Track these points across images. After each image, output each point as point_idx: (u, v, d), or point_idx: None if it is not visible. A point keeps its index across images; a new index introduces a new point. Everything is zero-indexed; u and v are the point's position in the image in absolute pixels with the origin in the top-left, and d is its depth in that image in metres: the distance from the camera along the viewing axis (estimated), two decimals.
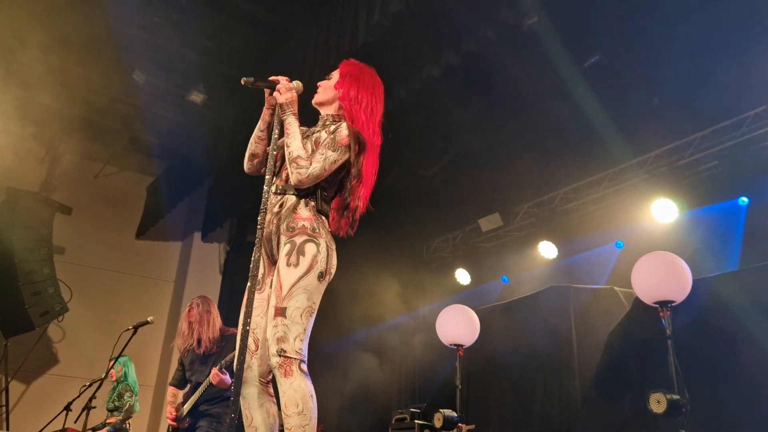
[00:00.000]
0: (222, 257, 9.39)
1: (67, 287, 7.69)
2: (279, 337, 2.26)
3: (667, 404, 4.03)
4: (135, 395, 5.82)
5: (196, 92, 7.15)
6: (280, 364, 2.24)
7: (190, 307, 4.32)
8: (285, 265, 2.36)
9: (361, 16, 5.03)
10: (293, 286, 2.32)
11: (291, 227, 2.44)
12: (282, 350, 2.25)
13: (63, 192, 8.46)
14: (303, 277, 2.34)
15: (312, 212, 2.49)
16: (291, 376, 2.24)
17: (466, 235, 8.43)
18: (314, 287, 2.37)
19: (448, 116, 6.69)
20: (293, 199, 2.51)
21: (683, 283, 4.45)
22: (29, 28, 6.24)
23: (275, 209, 2.50)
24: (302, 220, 2.45)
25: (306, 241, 2.40)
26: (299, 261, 2.36)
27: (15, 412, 7.62)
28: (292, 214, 2.47)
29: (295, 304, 2.31)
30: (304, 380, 2.27)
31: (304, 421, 2.22)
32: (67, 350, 8.19)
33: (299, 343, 2.28)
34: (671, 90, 5.84)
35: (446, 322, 6.21)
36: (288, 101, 2.58)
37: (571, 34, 5.48)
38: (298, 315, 2.30)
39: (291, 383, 2.23)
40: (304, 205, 2.50)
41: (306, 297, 2.33)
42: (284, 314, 2.29)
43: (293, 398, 2.22)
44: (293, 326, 2.28)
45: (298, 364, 2.26)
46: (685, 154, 6.14)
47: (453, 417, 5.66)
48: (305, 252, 2.38)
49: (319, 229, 2.46)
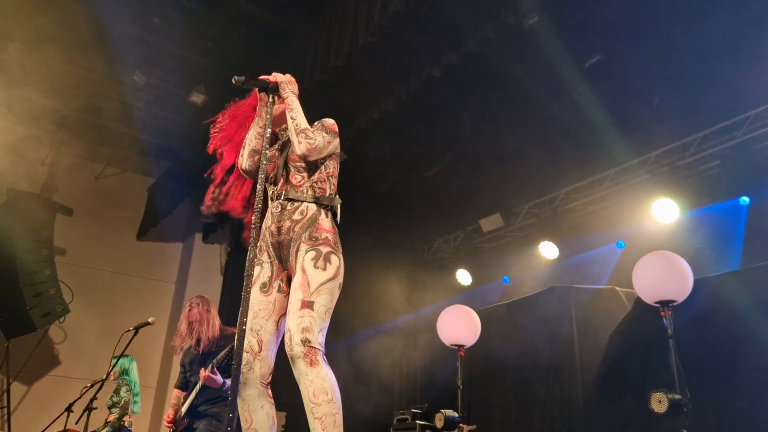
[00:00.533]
0: (223, 258, 9.39)
1: (68, 288, 7.70)
2: (305, 326, 2.29)
3: (668, 404, 4.02)
4: (135, 395, 5.81)
5: (197, 93, 7.14)
6: (306, 353, 2.26)
7: (189, 306, 4.31)
8: (313, 267, 2.42)
9: (362, 16, 5.03)
10: (321, 285, 2.39)
11: (314, 237, 2.50)
12: (307, 339, 2.27)
13: (64, 193, 8.46)
14: (330, 281, 2.43)
15: (332, 224, 2.57)
16: (317, 365, 2.26)
17: (468, 235, 8.43)
18: (335, 294, 2.46)
19: (449, 116, 6.69)
20: (314, 207, 2.57)
21: (685, 283, 4.45)
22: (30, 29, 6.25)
23: (295, 216, 2.54)
24: (325, 232, 2.52)
25: (330, 252, 2.48)
26: (326, 266, 2.44)
27: (16, 413, 7.62)
28: (314, 224, 2.52)
29: (321, 301, 2.37)
30: (330, 370, 2.30)
31: (334, 410, 2.23)
32: (69, 351, 8.19)
33: (321, 337, 2.33)
34: (672, 90, 5.84)
35: (447, 323, 6.20)
36: (288, 80, 2.68)
37: (572, 34, 5.49)
38: (323, 311, 2.37)
39: (318, 372, 2.25)
40: (325, 216, 2.57)
41: (330, 298, 2.42)
42: (312, 307, 2.34)
43: (322, 387, 2.23)
44: (318, 320, 2.33)
45: (321, 354, 2.30)
46: (686, 154, 6.14)
47: (454, 417, 5.66)
48: (331, 261, 2.46)
49: (338, 243, 2.55)
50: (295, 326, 2.30)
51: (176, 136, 8.31)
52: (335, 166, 2.72)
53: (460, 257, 8.61)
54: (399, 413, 7.14)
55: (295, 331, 2.29)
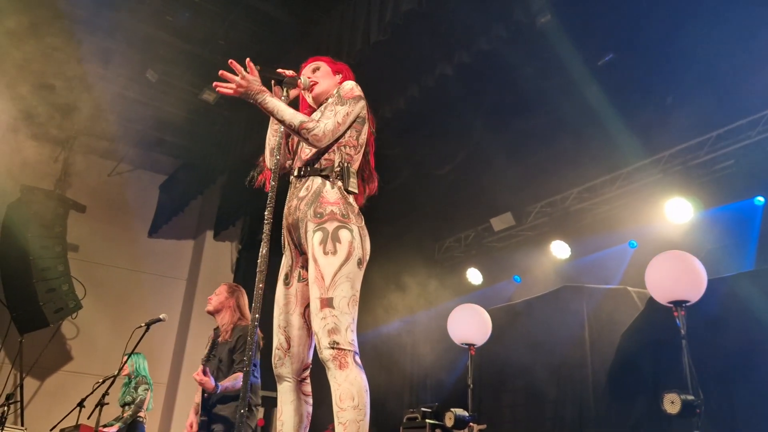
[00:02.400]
0: (234, 256, 9.43)
1: (80, 284, 7.76)
2: (330, 329, 2.16)
3: (681, 405, 3.99)
4: (151, 390, 5.88)
5: (209, 91, 7.17)
6: (334, 357, 2.15)
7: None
8: (322, 254, 2.25)
9: (374, 15, 5.02)
10: (336, 274, 2.22)
11: (319, 213, 2.32)
12: (335, 342, 2.15)
13: (77, 190, 8.53)
14: (344, 265, 2.23)
15: (339, 194, 2.37)
16: (347, 368, 2.15)
17: (479, 234, 8.40)
18: (355, 274, 2.27)
19: (460, 115, 6.67)
20: (318, 180, 2.40)
21: (698, 283, 4.41)
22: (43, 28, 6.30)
23: (300, 193, 2.41)
24: (330, 205, 2.33)
25: (338, 227, 2.28)
26: (336, 248, 2.25)
27: (29, 407, 7.69)
28: (318, 198, 2.35)
29: (341, 293, 2.21)
30: (360, 373, 2.18)
31: (359, 416, 2.12)
32: (81, 347, 8.26)
33: (351, 334, 2.19)
34: (686, 89, 5.79)
35: (458, 322, 6.19)
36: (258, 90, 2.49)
37: (584, 32, 5.46)
38: (346, 304, 2.21)
39: (347, 376, 2.14)
40: (330, 187, 2.38)
41: (350, 285, 2.23)
42: (331, 304, 2.19)
43: (349, 391, 2.12)
44: (342, 316, 2.19)
45: (352, 355, 2.18)
46: (700, 153, 6.09)
47: (464, 416, 5.65)
48: (341, 239, 2.27)
49: (348, 213, 2.34)
50: (320, 329, 2.18)
51: (188, 134, 8.36)
52: (352, 135, 2.49)
53: (471, 256, 8.59)
54: (409, 412, 7.13)
55: (322, 335, 2.17)
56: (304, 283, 2.42)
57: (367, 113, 2.59)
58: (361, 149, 2.55)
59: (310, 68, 2.73)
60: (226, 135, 7.64)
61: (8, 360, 7.66)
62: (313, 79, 2.66)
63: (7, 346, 7.64)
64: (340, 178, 2.41)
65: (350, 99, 2.49)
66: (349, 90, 2.52)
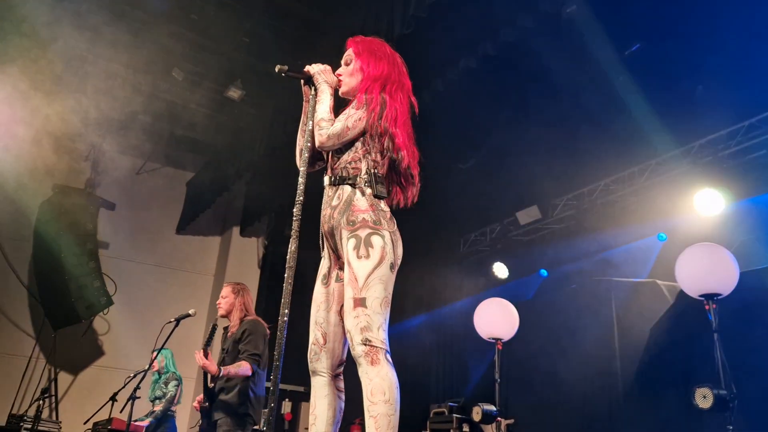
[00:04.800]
0: (260, 251, 9.50)
1: (111, 281, 7.89)
2: (363, 326, 2.25)
3: (713, 399, 3.92)
4: (181, 385, 5.98)
5: (234, 88, 7.23)
6: (367, 353, 2.22)
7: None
8: (356, 258, 2.34)
9: (398, 8, 5.01)
10: (369, 276, 2.31)
11: (351, 221, 2.41)
12: (367, 339, 2.23)
13: (106, 188, 8.68)
14: (377, 268, 2.32)
15: (369, 201, 2.44)
16: (378, 364, 2.22)
17: (504, 228, 8.35)
18: (388, 277, 2.35)
19: (485, 108, 6.61)
20: (348, 189, 2.47)
21: (730, 276, 4.33)
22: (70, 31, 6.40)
23: (333, 202, 2.49)
24: (361, 213, 2.41)
25: (370, 234, 2.37)
26: (369, 253, 2.34)
27: (63, 401, 7.86)
28: (350, 207, 2.43)
29: (374, 294, 2.29)
30: (391, 370, 2.25)
31: (390, 410, 2.18)
32: (112, 342, 8.40)
33: (382, 333, 2.27)
34: (716, 78, 5.66)
35: (484, 316, 6.17)
36: (321, 70, 2.61)
37: (611, 21, 5.36)
38: (378, 305, 2.29)
39: (378, 371, 2.21)
40: (360, 195, 2.45)
41: (382, 287, 2.32)
42: (364, 304, 2.27)
43: (380, 386, 2.19)
44: (375, 316, 2.27)
45: (384, 353, 2.25)
46: (732, 143, 5.96)
47: (492, 411, 5.63)
48: (373, 244, 2.36)
49: (380, 220, 2.42)
50: (353, 327, 2.26)
51: (213, 131, 8.43)
52: (376, 140, 2.53)
53: (496, 250, 8.54)
54: (436, 407, 7.13)
55: (355, 332, 2.26)
56: (341, 283, 2.49)
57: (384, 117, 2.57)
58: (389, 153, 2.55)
59: (344, 60, 2.75)
60: (250, 132, 7.70)
61: (43, 355, 7.84)
62: (342, 76, 2.69)
63: (41, 342, 7.81)
64: (368, 185, 2.47)
65: (365, 105, 2.52)
66: (366, 97, 2.55)
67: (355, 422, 8.06)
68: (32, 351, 7.71)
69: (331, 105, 2.58)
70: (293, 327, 2.24)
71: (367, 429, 2.18)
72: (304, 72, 2.61)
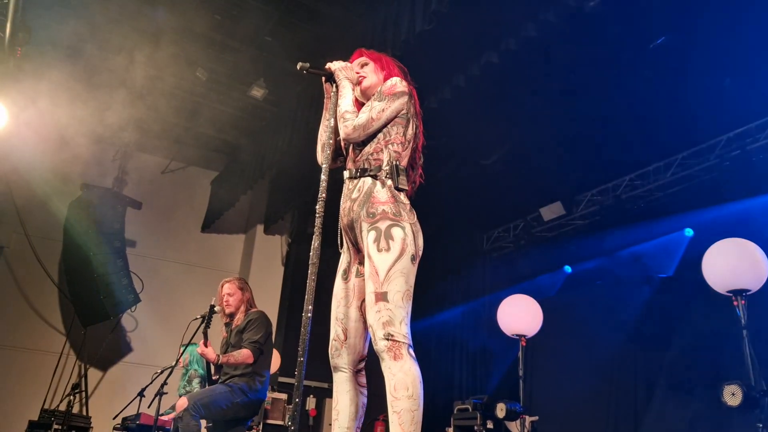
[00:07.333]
0: (284, 249, 9.57)
1: (138, 279, 8.02)
2: (385, 321, 2.22)
3: (742, 397, 3.87)
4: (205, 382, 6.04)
5: (257, 87, 7.28)
6: (389, 348, 2.20)
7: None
8: (376, 251, 2.32)
9: (419, 4, 5.00)
10: (390, 270, 2.28)
11: (371, 213, 2.40)
12: (389, 334, 2.21)
13: (133, 187, 8.81)
14: (397, 261, 2.29)
15: (389, 193, 2.43)
16: (401, 359, 2.19)
17: (528, 224, 8.30)
18: (409, 270, 2.32)
19: (508, 103, 6.57)
20: (369, 181, 2.47)
21: (759, 271, 4.27)
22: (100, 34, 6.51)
23: (353, 195, 2.48)
24: (381, 205, 2.40)
25: (390, 225, 2.35)
26: (390, 245, 2.31)
27: (93, 397, 8.01)
28: (370, 199, 2.42)
29: (395, 288, 2.26)
30: (414, 364, 2.22)
31: (413, 406, 2.16)
32: (140, 339, 8.53)
33: (405, 327, 2.24)
34: (744, 70, 5.56)
35: (508, 313, 6.15)
36: (342, 67, 2.62)
37: (635, 15, 5.29)
38: (400, 298, 2.26)
39: (401, 366, 2.19)
40: (381, 187, 2.44)
41: (404, 280, 2.29)
42: (386, 298, 2.25)
43: (404, 381, 2.17)
44: (397, 310, 2.24)
45: (406, 347, 2.22)
46: (760, 136, 5.86)
47: (516, 407, 5.62)
48: (393, 236, 2.33)
49: (400, 211, 2.40)
50: (375, 322, 2.24)
51: (237, 130, 8.51)
52: (399, 131, 2.54)
53: (520, 246, 8.50)
54: (459, 403, 7.12)
55: (377, 327, 2.23)
56: (361, 278, 2.49)
57: (414, 107, 2.61)
58: (410, 145, 2.58)
59: (359, 63, 2.77)
60: (273, 130, 7.75)
61: (73, 352, 7.99)
62: (362, 74, 2.70)
63: (72, 339, 7.97)
64: (389, 176, 2.47)
65: (389, 96, 2.53)
66: (391, 87, 2.56)
67: (379, 418, 8.08)
68: (63, 347, 7.87)
69: (354, 99, 2.59)
70: (317, 323, 2.26)
71: (390, 424, 2.18)
72: (326, 69, 2.63)
